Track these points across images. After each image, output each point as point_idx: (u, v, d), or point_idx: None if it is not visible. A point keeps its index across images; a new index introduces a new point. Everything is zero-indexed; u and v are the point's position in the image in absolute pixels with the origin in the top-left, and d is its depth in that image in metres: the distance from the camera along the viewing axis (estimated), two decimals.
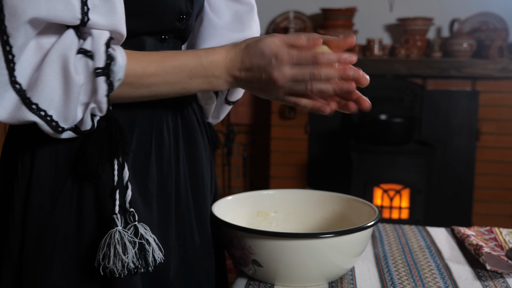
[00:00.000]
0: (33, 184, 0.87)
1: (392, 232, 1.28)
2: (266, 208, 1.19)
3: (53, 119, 0.79)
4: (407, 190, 3.02)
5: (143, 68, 0.83)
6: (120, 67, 0.80)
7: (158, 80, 0.85)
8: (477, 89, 3.21)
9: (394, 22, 3.44)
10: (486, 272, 1.06)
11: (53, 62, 0.77)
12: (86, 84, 0.79)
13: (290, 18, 3.45)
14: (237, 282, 1.03)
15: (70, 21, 0.77)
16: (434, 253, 1.16)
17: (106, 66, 0.79)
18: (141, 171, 0.91)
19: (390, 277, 1.04)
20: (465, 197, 3.29)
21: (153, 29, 0.93)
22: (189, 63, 0.85)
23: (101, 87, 0.79)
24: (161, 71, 0.84)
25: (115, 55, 0.80)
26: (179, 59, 0.86)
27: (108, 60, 0.79)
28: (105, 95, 0.80)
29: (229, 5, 1.07)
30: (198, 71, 0.86)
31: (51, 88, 0.77)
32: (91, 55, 0.79)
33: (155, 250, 0.86)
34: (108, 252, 0.82)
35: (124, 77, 0.81)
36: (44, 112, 0.78)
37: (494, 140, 3.26)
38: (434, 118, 3.25)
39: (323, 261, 0.97)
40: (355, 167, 3.03)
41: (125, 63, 0.81)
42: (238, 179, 3.66)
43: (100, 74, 0.79)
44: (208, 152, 1.07)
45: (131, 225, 0.86)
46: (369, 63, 3.19)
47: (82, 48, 0.79)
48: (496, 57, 3.11)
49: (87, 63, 0.79)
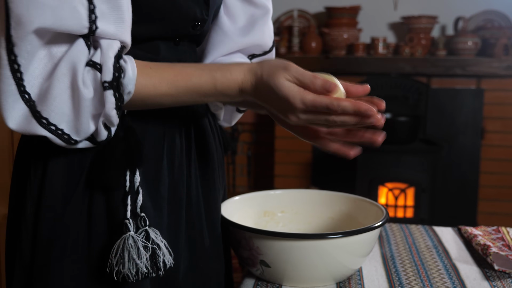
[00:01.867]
0: (45, 186, 0.86)
1: (398, 231, 1.28)
2: (273, 208, 1.19)
3: (65, 132, 0.79)
4: (412, 189, 3.01)
5: (154, 86, 0.82)
6: (130, 80, 0.79)
7: (170, 100, 0.84)
8: (482, 87, 3.21)
9: (398, 20, 3.43)
10: (494, 272, 1.06)
11: (63, 76, 0.77)
12: (95, 97, 0.78)
13: (294, 16, 3.45)
14: (244, 282, 1.03)
15: (78, 30, 0.76)
16: (441, 253, 1.15)
17: (115, 79, 0.78)
18: (153, 175, 0.91)
19: (398, 277, 1.04)
20: (470, 196, 3.28)
21: (167, 34, 0.92)
22: (203, 86, 0.84)
23: (109, 101, 0.78)
24: (173, 91, 0.84)
25: (125, 68, 0.79)
26: (192, 80, 0.84)
27: (116, 73, 0.78)
28: (114, 108, 0.79)
29: (245, 8, 1.05)
30: (212, 93, 0.85)
31: (61, 102, 0.77)
32: (99, 67, 0.78)
33: (165, 254, 0.86)
34: (122, 257, 0.83)
35: (134, 91, 0.80)
36: (54, 126, 0.78)
37: (499, 138, 3.25)
38: (439, 116, 3.24)
39: (331, 262, 0.97)
40: (360, 166, 3.03)
41: (135, 76, 0.80)
42: (243, 178, 3.66)
43: (107, 88, 0.78)
44: (219, 154, 1.06)
45: (142, 229, 0.86)
46: (373, 62, 3.19)
47: (91, 60, 0.78)
48: (501, 55, 3.10)
49: (96, 76, 0.78)
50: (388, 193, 3.02)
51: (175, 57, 0.94)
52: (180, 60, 0.94)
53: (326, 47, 3.36)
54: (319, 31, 3.40)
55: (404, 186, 3.01)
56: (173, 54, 0.94)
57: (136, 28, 0.84)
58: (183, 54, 0.96)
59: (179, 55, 0.95)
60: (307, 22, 3.49)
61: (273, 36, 1.10)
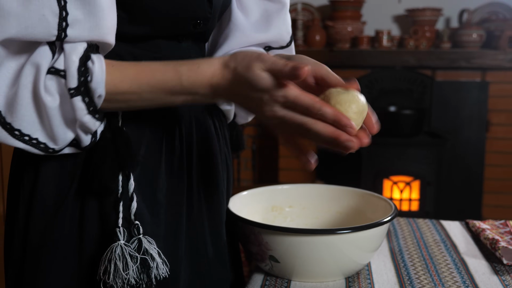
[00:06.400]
0: (37, 191, 0.84)
1: (406, 226, 1.28)
2: (281, 203, 1.18)
3: (40, 141, 0.76)
4: (417, 182, 3.01)
5: (115, 84, 0.76)
6: (98, 83, 0.74)
7: (134, 97, 0.78)
8: (487, 80, 3.20)
9: (402, 13, 3.42)
10: (503, 266, 1.06)
11: (24, 86, 0.72)
12: (63, 104, 0.74)
13: (298, 9, 3.43)
14: (253, 277, 1.03)
15: (45, 38, 0.72)
16: (449, 247, 1.15)
17: (81, 84, 0.73)
18: (150, 181, 0.87)
19: (407, 272, 1.04)
20: (475, 189, 3.28)
21: (167, 33, 0.88)
22: (167, 81, 0.77)
23: (78, 108, 0.74)
24: (135, 88, 0.77)
25: (93, 70, 0.74)
26: (156, 77, 0.77)
27: (82, 77, 0.73)
28: (87, 114, 0.75)
29: (259, 2, 1.00)
30: (178, 90, 0.78)
31: (29, 112, 0.73)
32: (63, 74, 0.73)
33: (159, 265, 0.83)
34: (109, 267, 0.80)
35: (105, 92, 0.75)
36: (28, 137, 0.75)
37: (504, 131, 3.24)
38: (443, 109, 3.24)
39: (340, 257, 0.97)
40: (365, 159, 3.03)
41: (104, 77, 0.74)
42: (247, 172, 3.66)
43: (74, 95, 0.73)
44: (225, 156, 1.02)
45: (135, 238, 0.82)
46: (377, 55, 3.18)
47: (53, 67, 0.73)
48: (506, 47, 3.09)
49: (60, 83, 0.73)
50: (393, 186, 3.02)
51: (178, 54, 0.90)
52: (183, 58, 0.90)
53: (330, 40, 3.35)
54: (323, 24, 3.39)
55: (409, 179, 3.01)
56: (175, 52, 0.90)
57: (133, 27, 0.82)
58: (186, 51, 0.92)
59: (181, 52, 0.91)
60: (311, 15, 3.48)
61: (290, 31, 1.05)
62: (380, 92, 3.18)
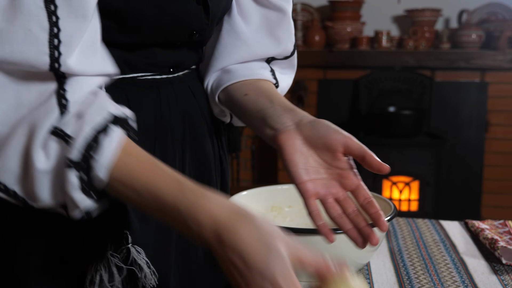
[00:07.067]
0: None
1: (405, 226, 1.28)
2: (280, 203, 1.19)
3: (18, 195, 0.68)
4: (416, 182, 3.01)
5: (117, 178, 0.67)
6: (102, 167, 0.65)
7: (134, 202, 0.69)
8: (486, 80, 3.20)
9: (402, 13, 3.42)
10: (502, 266, 1.06)
11: (20, 137, 0.65)
12: (56, 171, 0.66)
13: (298, 10, 3.43)
14: None
15: (36, 57, 0.64)
16: (448, 247, 1.16)
17: (84, 159, 0.64)
18: None
19: (406, 272, 1.04)
20: (474, 189, 3.28)
21: (163, 42, 0.85)
22: (171, 221, 0.67)
23: (69, 181, 0.65)
24: (139, 203, 0.68)
25: (102, 147, 0.64)
26: (159, 214, 0.68)
27: (88, 153, 0.64)
28: (78, 190, 0.65)
29: (259, 9, 0.96)
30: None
31: (13, 164, 0.66)
32: (67, 140, 0.65)
33: (147, 275, 0.80)
34: (95, 278, 0.78)
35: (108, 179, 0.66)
36: (4, 186, 0.67)
37: (503, 131, 3.24)
38: (443, 110, 3.24)
39: (340, 256, 0.97)
40: None
41: (111, 163, 0.65)
42: (247, 172, 3.66)
43: (70, 166, 0.64)
44: (219, 160, 0.99)
45: (123, 247, 0.79)
46: (377, 55, 3.18)
47: (60, 129, 0.65)
48: (505, 48, 3.09)
49: (63, 148, 0.65)
50: (392, 186, 3.02)
51: (173, 60, 0.88)
52: (178, 63, 0.89)
53: (329, 41, 3.35)
54: (322, 25, 3.39)
55: (409, 179, 3.01)
56: (170, 58, 0.88)
57: (125, 37, 0.79)
58: (181, 57, 0.90)
59: (176, 58, 0.89)
60: (310, 15, 3.48)
61: (294, 39, 1.00)
62: (380, 92, 3.19)
